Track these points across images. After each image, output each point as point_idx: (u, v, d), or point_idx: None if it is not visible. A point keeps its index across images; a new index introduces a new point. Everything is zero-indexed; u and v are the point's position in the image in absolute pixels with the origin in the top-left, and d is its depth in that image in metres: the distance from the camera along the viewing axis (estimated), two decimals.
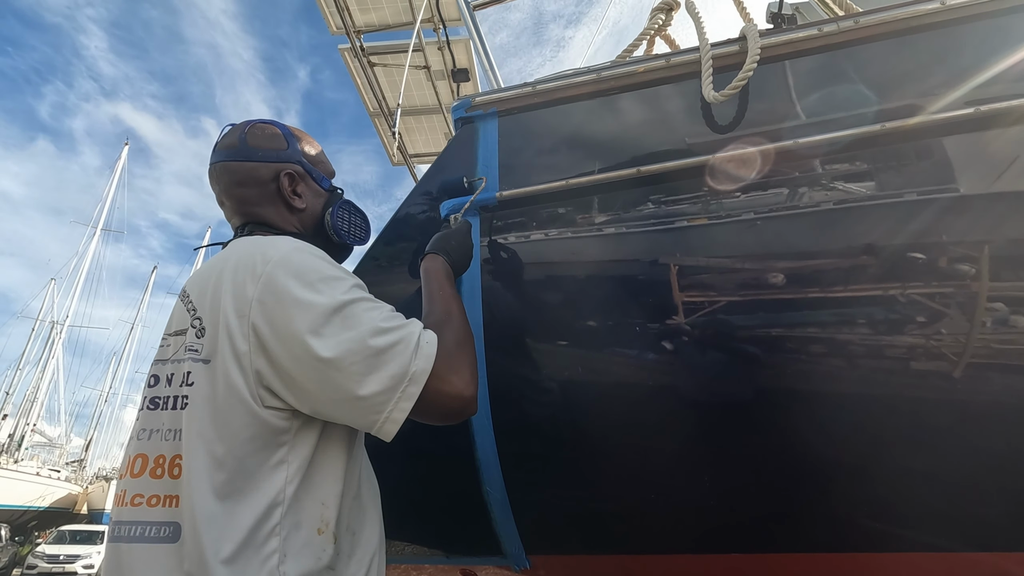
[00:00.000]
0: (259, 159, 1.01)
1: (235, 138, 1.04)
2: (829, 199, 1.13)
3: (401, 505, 1.56)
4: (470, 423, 1.29)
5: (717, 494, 1.21)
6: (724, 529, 1.23)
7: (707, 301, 1.19)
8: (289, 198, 1.02)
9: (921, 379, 1.07)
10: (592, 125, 1.30)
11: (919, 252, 1.06)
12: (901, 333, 1.07)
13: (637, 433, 1.24)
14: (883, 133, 1.06)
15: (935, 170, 1.07)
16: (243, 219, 1.03)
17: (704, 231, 1.20)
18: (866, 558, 1.10)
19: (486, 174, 1.30)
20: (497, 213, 1.29)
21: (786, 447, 1.16)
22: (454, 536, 1.51)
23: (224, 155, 1.03)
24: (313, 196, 1.07)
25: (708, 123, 1.19)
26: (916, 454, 1.06)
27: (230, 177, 1.01)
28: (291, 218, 1.04)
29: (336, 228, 1.05)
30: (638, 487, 1.24)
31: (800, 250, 1.17)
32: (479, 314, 1.29)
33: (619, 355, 1.25)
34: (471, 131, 1.35)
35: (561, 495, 1.31)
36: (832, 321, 1.14)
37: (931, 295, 1.04)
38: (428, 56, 3.95)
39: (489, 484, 1.32)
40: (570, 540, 1.35)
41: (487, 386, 1.27)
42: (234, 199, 1.02)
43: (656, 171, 1.16)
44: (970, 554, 1.05)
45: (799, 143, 1.09)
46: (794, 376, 1.15)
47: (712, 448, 1.21)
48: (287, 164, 1.03)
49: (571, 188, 1.21)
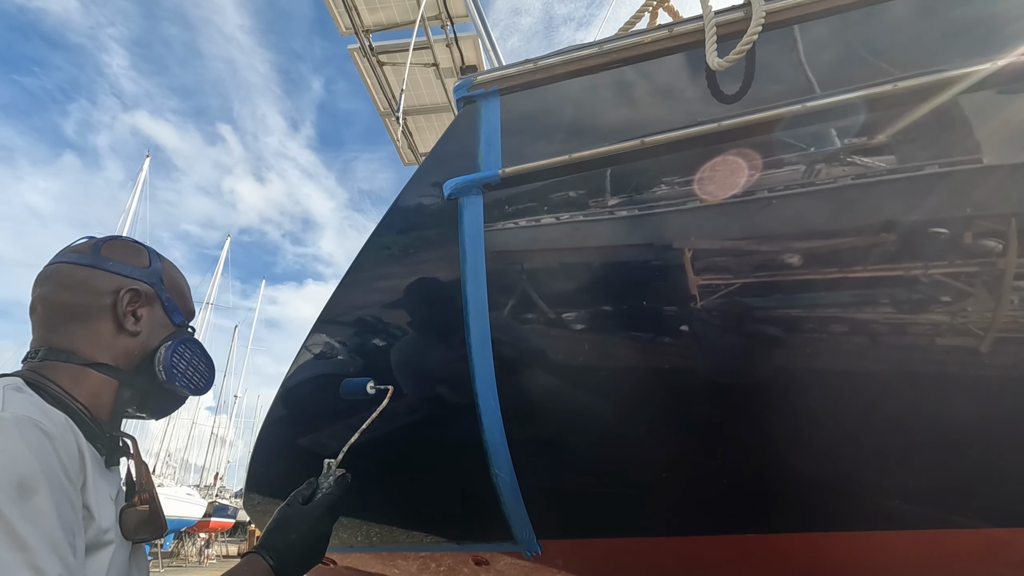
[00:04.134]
0: (106, 269, 0.86)
1: (88, 245, 0.90)
2: (843, 171, 1.09)
3: (413, 494, 1.55)
4: (477, 406, 1.27)
5: (729, 475, 1.18)
6: (737, 510, 1.19)
7: (719, 282, 1.16)
8: (123, 316, 0.84)
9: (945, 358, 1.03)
10: (595, 99, 1.28)
11: (942, 228, 1.01)
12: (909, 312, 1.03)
13: (647, 412, 1.21)
14: (895, 93, 1.02)
15: (959, 139, 1.03)
16: (39, 343, 0.82)
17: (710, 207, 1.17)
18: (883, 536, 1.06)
19: (489, 152, 1.28)
20: (500, 191, 1.27)
21: (801, 428, 1.13)
22: (465, 523, 1.49)
23: (65, 257, 0.87)
24: (154, 325, 0.90)
25: (713, 92, 1.16)
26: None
27: (58, 280, 0.84)
28: (113, 343, 0.84)
29: (169, 365, 0.86)
30: (648, 467, 1.21)
31: (814, 225, 1.13)
32: (484, 296, 1.27)
33: (628, 337, 1.22)
34: (473, 110, 1.33)
35: (571, 477, 1.29)
36: (846, 302, 1.11)
37: (955, 274, 1.00)
38: (436, 54, 3.96)
39: (498, 467, 1.30)
40: (581, 523, 1.33)
41: (493, 368, 1.25)
42: (47, 307, 0.83)
43: (660, 141, 1.13)
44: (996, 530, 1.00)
45: (807, 108, 1.05)
46: (810, 357, 1.12)
47: (724, 430, 1.18)
48: (136, 281, 0.88)
49: (574, 162, 1.19)
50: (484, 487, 1.33)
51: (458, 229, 1.28)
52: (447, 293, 1.32)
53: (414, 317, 1.43)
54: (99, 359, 0.82)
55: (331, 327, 1.56)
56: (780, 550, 1.15)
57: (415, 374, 1.38)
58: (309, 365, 1.75)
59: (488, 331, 1.25)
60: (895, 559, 1.07)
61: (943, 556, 1.05)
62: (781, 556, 1.16)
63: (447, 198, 1.28)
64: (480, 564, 1.54)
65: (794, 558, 1.15)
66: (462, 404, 1.29)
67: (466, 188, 1.26)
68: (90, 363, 0.81)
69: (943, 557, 1.05)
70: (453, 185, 1.27)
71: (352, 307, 1.54)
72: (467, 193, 1.27)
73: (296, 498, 1.05)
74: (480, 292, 1.27)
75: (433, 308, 1.39)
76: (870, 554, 1.09)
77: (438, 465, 1.44)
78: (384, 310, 1.44)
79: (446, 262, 1.32)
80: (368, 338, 1.45)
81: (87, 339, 0.82)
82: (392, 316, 1.41)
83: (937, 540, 1.03)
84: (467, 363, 1.26)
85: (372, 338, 1.44)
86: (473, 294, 1.28)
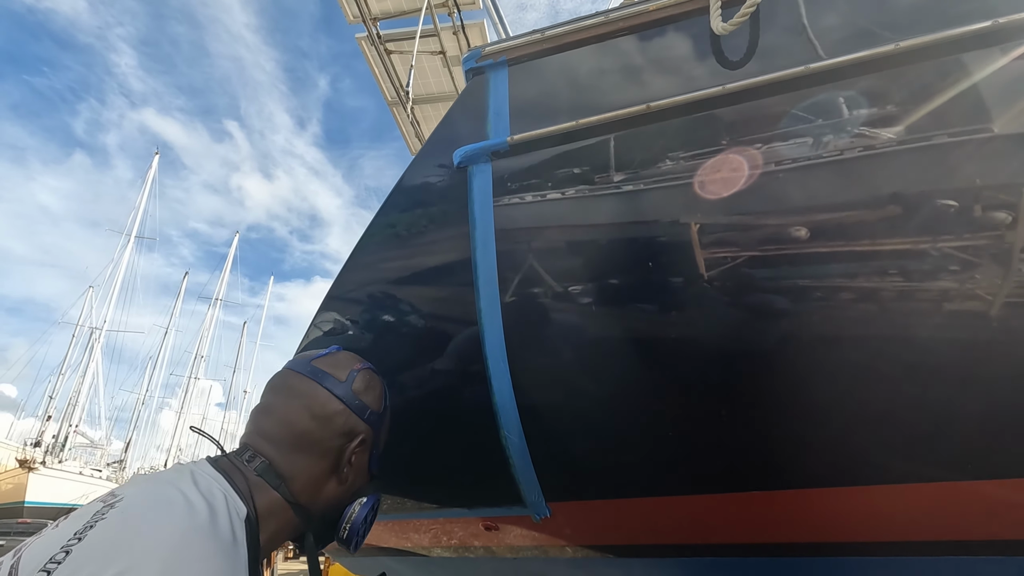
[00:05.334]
0: (353, 408, 0.89)
1: (345, 371, 0.93)
2: (850, 140, 1.11)
3: (425, 460, 1.59)
4: (487, 368, 1.30)
5: (735, 435, 1.20)
6: (744, 469, 1.22)
7: (723, 253, 1.18)
8: (345, 463, 0.86)
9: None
10: (602, 68, 1.30)
11: (953, 200, 1.03)
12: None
13: (654, 374, 1.24)
14: (901, 53, 1.03)
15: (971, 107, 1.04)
16: (260, 448, 0.81)
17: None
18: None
19: (497, 121, 1.31)
20: (509, 159, 1.30)
21: (800, 391, 1.15)
22: (476, 487, 1.52)
23: (325, 380, 0.89)
24: (359, 473, 0.92)
25: (717, 57, 1.18)
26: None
27: (308, 404, 0.86)
28: (323, 485, 0.84)
29: (356, 527, 0.88)
30: (655, 428, 1.24)
31: (821, 195, 1.15)
32: (493, 260, 1.30)
33: (634, 302, 1.25)
34: (482, 81, 1.36)
35: (579, 439, 1.32)
36: (850, 272, 1.13)
37: (965, 247, 1.02)
38: (444, 41, 3.98)
39: (507, 430, 1.33)
40: (589, 485, 1.36)
41: (503, 331, 1.28)
42: (284, 426, 0.84)
43: (666, 105, 1.16)
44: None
45: (810, 69, 1.07)
46: (809, 326, 1.14)
47: (729, 392, 1.20)
48: (367, 427, 0.91)
49: (581, 128, 1.22)
50: (494, 450, 1.36)
51: (468, 197, 1.31)
52: (457, 261, 1.35)
53: (424, 286, 1.46)
54: (302, 500, 0.80)
55: (341, 302, 1.60)
56: (788, 505, 1.17)
57: (425, 340, 1.41)
58: (320, 341, 1.79)
59: (497, 296, 1.28)
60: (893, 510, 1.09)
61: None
62: (783, 512, 1.18)
63: (457, 167, 1.31)
64: (490, 529, 1.58)
65: (796, 513, 1.18)
66: (472, 368, 1.32)
67: (475, 156, 1.29)
68: (294, 502, 0.79)
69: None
70: (463, 153, 1.30)
71: (362, 279, 1.58)
72: (476, 161, 1.30)
73: None
74: (490, 259, 1.30)
75: (443, 276, 1.42)
76: (869, 507, 1.12)
77: (449, 431, 1.47)
78: (394, 279, 1.47)
79: (455, 231, 1.35)
80: (378, 305, 1.49)
81: (304, 473, 0.81)
82: (402, 284, 1.44)
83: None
84: (477, 327, 1.30)
85: (382, 305, 1.48)
86: (483, 261, 1.31)
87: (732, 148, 1.17)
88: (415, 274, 1.43)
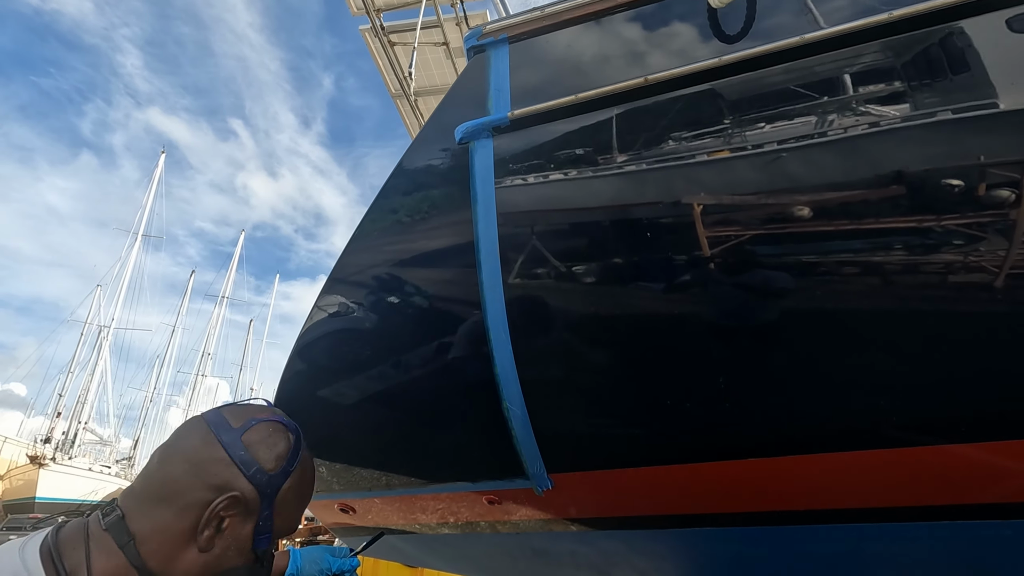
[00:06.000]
0: (231, 455, 0.73)
1: (243, 419, 0.80)
2: (850, 111, 1.12)
3: (428, 435, 1.62)
4: (488, 339, 1.33)
5: (733, 403, 1.22)
6: (745, 436, 1.24)
7: (725, 230, 1.20)
8: (204, 522, 0.69)
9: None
10: (601, 44, 1.32)
11: (958, 179, 1.04)
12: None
13: (654, 343, 1.26)
14: (898, 20, 1.05)
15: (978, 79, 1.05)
16: (123, 501, 0.71)
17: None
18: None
19: (498, 97, 1.33)
20: (510, 135, 1.32)
21: (798, 360, 1.17)
22: (479, 460, 1.55)
23: (216, 420, 0.77)
24: (230, 546, 0.72)
25: (714, 30, 1.20)
26: None
27: (184, 447, 0.74)
28: (177, 550, 0.68)
29: None
30: (655, 396, 1.26)
31: (824, 171, 1.17)
32: (495, 235, 1.32)
33: (633, 273, 1.27)
34: (483, 58, 1.38)
35: (580, 408, 1.34)
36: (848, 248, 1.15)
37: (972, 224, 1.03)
38: (447, 32, 4.00)
39: (509, 401, 1.36)
40: (590, 455, 1.38)
41: (504, 302, 1.31)
42: (152, 473, 0.72)
43: (663, 78, 1.18)
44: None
45: (805, 39, 1.09)
46: (803, 300, 1.16)
47: (728, 362, 1.22)
48: (248, 484, 0.73)
49: (581, 102, 1.24)
50: (497, 422, 1.39)
51: (469, 172, 1.33)
52: (459, 236, 1.37)
53: (427, 262, 1.49)
54: (152, 565, 0.66)
55: (343, 284, 1.63)
56: (785, 472, 1.19)
57: (428, 314, 1.44)
58: (325, 322, 1.82)
59: (499, 269, 1.30)
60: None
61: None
62: (783, 478, 1.20)
63: (459, 142, 1.34)
64: (493, 503, 1.60)
65: (795, 479, 1.20)
66: (474, 340, 1.35)
67: (477, 132, 1.31)
68: (140, 566, 0.66)
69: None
70: (464, 130, 1.33)
71: (365, 259, 1.61)
72: (478, 137, 1.32)
73: None
74: (491, 234, 1.33)
75: (446, 252, 1.44)
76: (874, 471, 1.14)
77: (452, 404, 1.50)
78: (396, 256, 1.50)
79: (457, 207, 1.37)
80: (380, 283, 1.52)
81: (159, 530, 0.68)
82: (405, 261, 1.47)
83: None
84: (479, 300, 1.32)
85: (385, 282, 1.51)
86: (485, 236, 1.33)
87: (728, 122, 1.19)
88: (418, 250, 1.45)
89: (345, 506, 1.94)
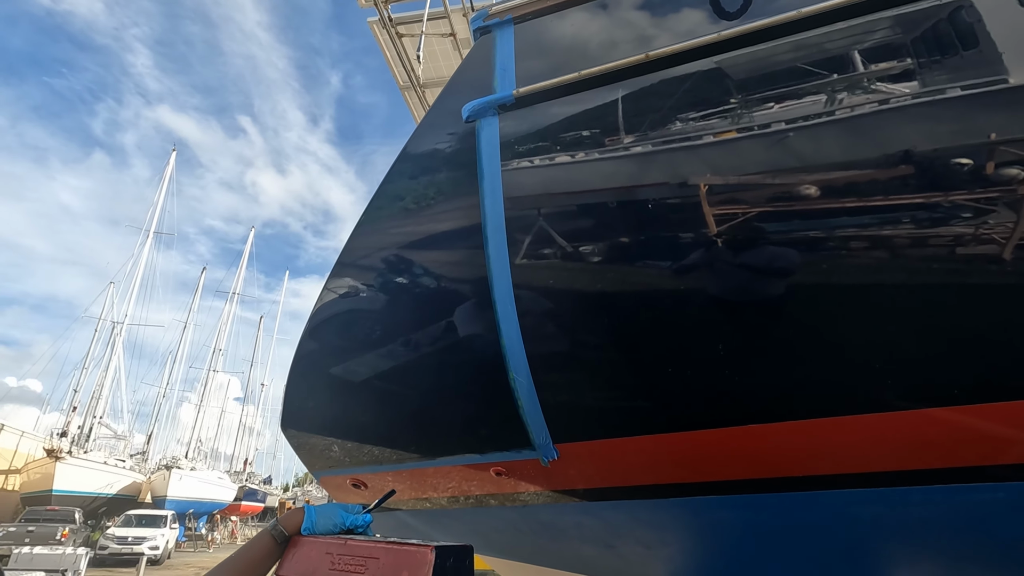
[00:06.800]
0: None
1: None
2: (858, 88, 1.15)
3: (438, 408, 1.67)
4: (495, 312, 1.37)
5: (733, 372, 1.25)
6: (747, 404, 1.27)
7: (727, 209, 1.23)
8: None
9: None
10: (605, 24, 1.36)
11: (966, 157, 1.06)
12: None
13: (656, 311, 1.29)
14: None
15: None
16: None
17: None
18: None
19: (504, 76, 1.37)
20: (516, 112, 1.36)
21: (796, 332, 1.21)
22: (487, 432, 1.59)
23: None
24: None
25: (715, 9, 1.23)
26: None
27: None
28: None
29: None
30: (656, 364, 1.30)
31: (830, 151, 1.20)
32: (500, 209, 1.36)
33: (635, 244, 1.30)
34: (489, 39, 1.42)
35: (585, 377, 1.38)
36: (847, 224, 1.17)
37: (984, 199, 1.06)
38: (454, 23, 4.03)
39: (516, 371, 1.40)
40: (593, 424, 1.42)
41: (510, 273, 1.35)
42: None
43: (663, 54, 1.21)
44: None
45: (802, 13, 1.11)
46: (802, 274, 1.19)
47: (727, 335, 1.26)
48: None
49: (584, 79, 1.27)
50: (503, 394, 1.43)
51: (476, 149, 1.37)
52: (467, 211, 1.41)
53: (436, 242, 1.53)
54: None
55: (358, 252, 1.67)
56: (787, 436, 1.22)
57: (435, 288, 1.48)
58: (335, 302, 1.87)
59: (505, 243, 1.34)
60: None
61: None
62: (779, 443, 1.24)
63: (465, 120, 1.38)
64: (501, 475, 1.65)
65: (807, 446, 1.23)
66: (481, 313, 1.39)
67: (483, 110, 1.35)
68: None
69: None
70: (471, 108, 1.37)
71: (374, 235, 1.65)
72: (484, 115, 1.36)
73: None
74: (497, 208, 1.37)
75: (453, 230, 1.49)
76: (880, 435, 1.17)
77: (461, 377, 1.54)
78: (406, 230, 1.54)
79: (465, 182, 1.41)
80: (389, 256, 1.56)
81: None
82: (414, 236, 1.52)
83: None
84: (486, 272, 1.36)
85: (393, 255, 1.55)
86: (491, 210, 1.37)
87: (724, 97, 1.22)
88: (425, 227, 1.50)
89: (357, 481, 2.00)
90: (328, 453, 2.01)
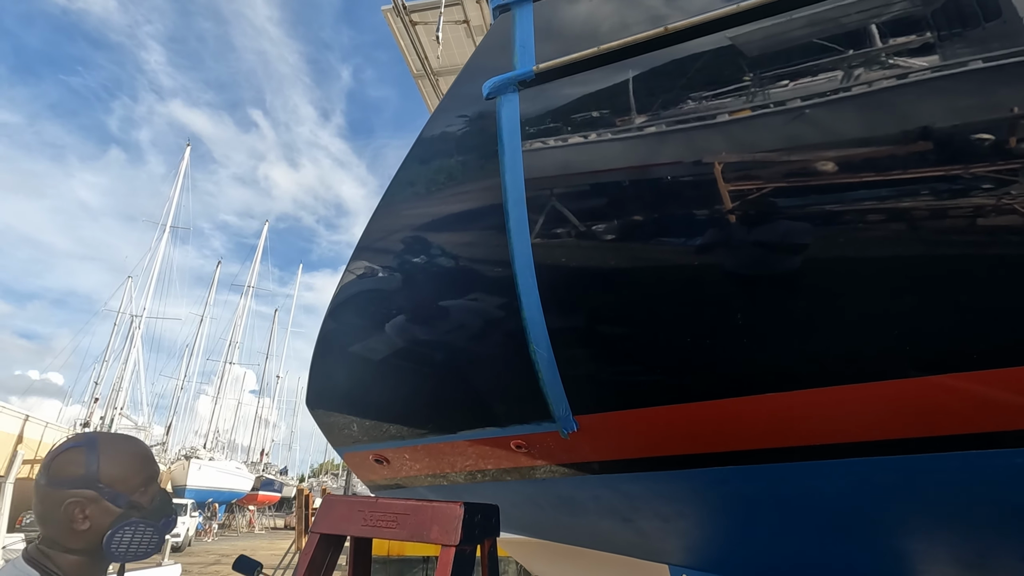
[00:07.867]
0: (55, 487, 1.11)
1: (45, 464, 1.17)
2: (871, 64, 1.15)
3: (461, 382, 1.70)
4: (516, 284, 1.40)
5: (754, 343, 1.27)
6: (764, 373, 1.29)
7: (740, 182, 1.25)
8: (71, 521, 1.09)
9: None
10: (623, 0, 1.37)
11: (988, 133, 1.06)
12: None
13: (674, 286, 1.31)
14: None
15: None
16: (40, 530, 1.15)
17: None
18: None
19: (523, 53, 1.39)
20: (536, 88, 1.38)
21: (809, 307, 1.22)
22: (508, 405, 1.63)
23: (40, 477, 1.15)
24: (101, 515, 1.12)
25: None
26: None
27: (38, 496, 1.13)
28: (75, 536, 1.10)
29: (109, 551, 1.11)
30: (675, 336, 1.32)
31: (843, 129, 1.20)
32: (521, 184, 1.39)
33: (652, 220, 1.32)
34: (508, 18, 1.44)
35: (604, 348, 1.41)
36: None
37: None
38: (467, 10, 4.04)
39: (536, 343, 1.43)
40: (614, 395, 1.44)
41: (531, 247, 1.37)
42: (36, 514, 1.14)
43: (681, 27, 1.22)
44: None
45: None
46: (813, 250, 1.20)
47: (745, 307, 1.27)
48: (75, 491, 1.11)
49: (603, 54, 1.29)
50: (524, 366, 1.46)
51: (496, 125, 1.40)
52: (488, 187, 1.44)
53: (456, 223, 1.57)
54: (71, 546, 1.10)
55: (378, 233, 1.71)
56: (806, 404, 1.24)
57: (456, 261, 1.52)
58: (356, 282, 1.91)
59: (525, 215, 1.37)
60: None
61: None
62: (797, 412, 1.26)
63: (486, 97, 1.40)
64: (520, 448, 1.68)
65: (811, 413, 1.25)
66: (501, 286, 1.42)
67: (503, 86, 1.38)
68: (66, 550, 1.10)
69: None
70: (491, 85, 1.39)
71: (395, 216, 1.69)
72: (504, 91, 1.38)
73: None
74: (518, 183, 1.39)
75: (474, 210, 1.52)
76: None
77: (482, 351, 1.57)
78: (427, 211, 1.57)
79: (486, 158, 1.44)
80: (410, 235, 1.60)
81: (61, 535, 1.10)
82: (435, 213, 1.55)
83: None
84: (507, 247, 1.39)
85: (415, 234, 1.58)
86: (512, 185, 1.40)
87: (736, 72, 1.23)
88: (446, 204, 1.53)
89: (379, 457, 2.05)
90: (350, 430, 2.07)
